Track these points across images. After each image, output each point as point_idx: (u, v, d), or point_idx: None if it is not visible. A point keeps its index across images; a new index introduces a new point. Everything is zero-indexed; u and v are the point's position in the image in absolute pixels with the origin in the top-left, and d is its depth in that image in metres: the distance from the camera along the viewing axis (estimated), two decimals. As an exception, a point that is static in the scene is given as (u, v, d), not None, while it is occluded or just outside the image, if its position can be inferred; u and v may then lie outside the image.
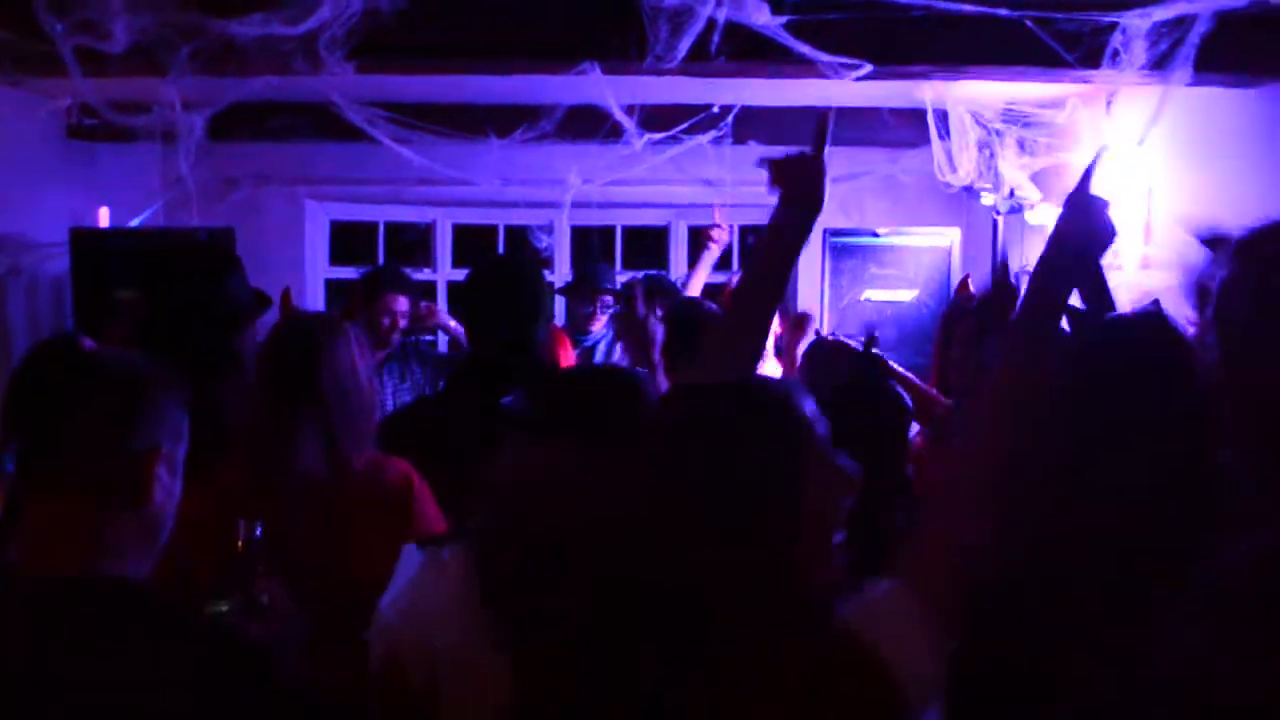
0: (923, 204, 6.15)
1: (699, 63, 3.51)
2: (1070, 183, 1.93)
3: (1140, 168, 4.74)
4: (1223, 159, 4.38)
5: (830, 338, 4.65)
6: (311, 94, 4.76)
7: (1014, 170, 4.91)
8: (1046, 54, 3.72)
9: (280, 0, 3.29)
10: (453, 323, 5.53)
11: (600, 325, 5.32)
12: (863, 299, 5.66)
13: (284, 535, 2.42)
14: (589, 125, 5.20)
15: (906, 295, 5.55)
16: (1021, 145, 4.91)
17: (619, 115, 4.62)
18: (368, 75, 3.74)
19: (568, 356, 4.72)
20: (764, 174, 2.38)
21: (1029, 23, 3.47)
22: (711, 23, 3.45)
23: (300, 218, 6.75)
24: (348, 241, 7.00)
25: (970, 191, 5.51)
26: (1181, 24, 3.24)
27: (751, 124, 5.65)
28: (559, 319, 6.12)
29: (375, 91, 5.09)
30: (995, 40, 3.79)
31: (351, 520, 2.65)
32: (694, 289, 5.10)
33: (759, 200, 6.38)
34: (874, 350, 3.38)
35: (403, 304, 5.29)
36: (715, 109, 5.31)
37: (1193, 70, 3.33)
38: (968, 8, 3.40)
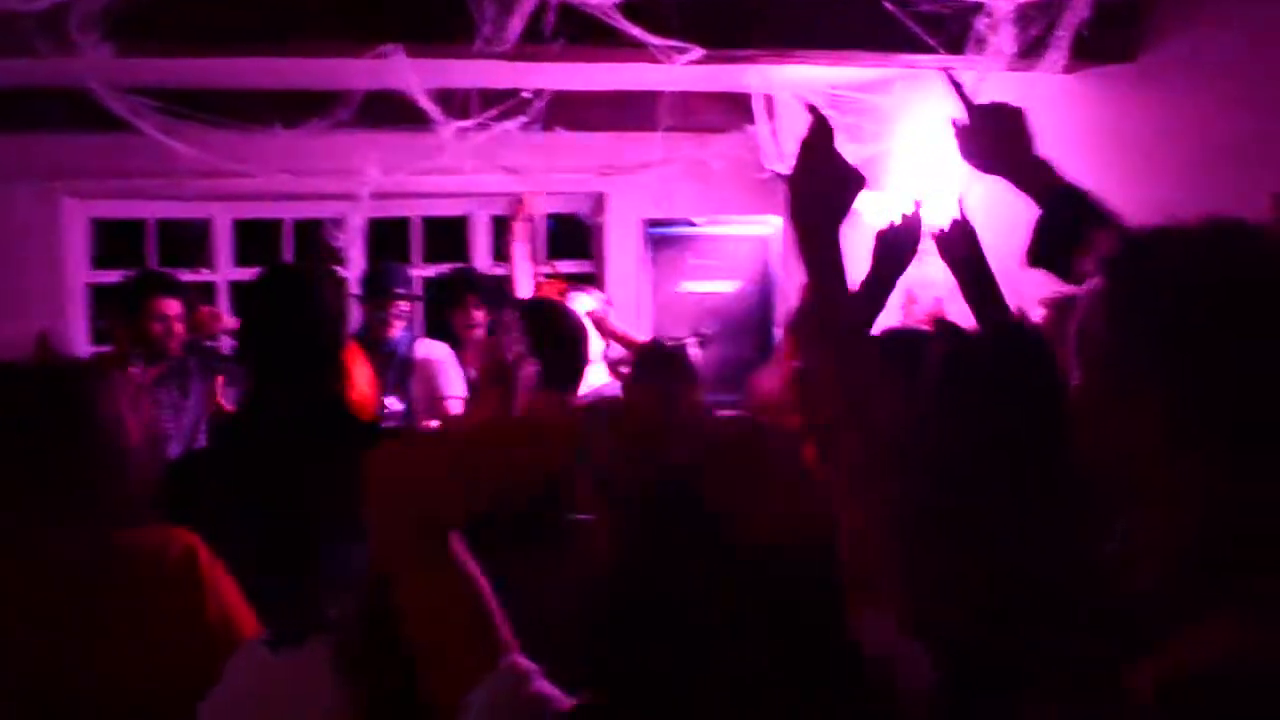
0: (735, 191, 5.79)
1: (532, 45, 2.99)
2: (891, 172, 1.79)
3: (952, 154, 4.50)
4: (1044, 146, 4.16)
5: (661, 341, 4.25)
6: (64, 78, 3.95)
7: None
8: (905, 38, 3.40)
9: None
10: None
11: (398, 330, 4.74)
12: (682, 290, 5.25)
13: (27, 643, 1.86)
14: (387, 112, 4.59)
15: (727, 286, 5.19)
16: (847, 132, 4.59)
17: (424, 103, 4.03)
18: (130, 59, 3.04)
19: (364, 370, 4.09)
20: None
21: (887, 4, 3.09)
22: (543, 3, 2.94)
23: (56, 216, 5.84)
24: (113, 241, 6.15)
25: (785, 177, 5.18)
26: (1050, 8, 2.93)
27: (559, 109, 5.17)
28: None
29: (140, 75, 4.31)
30: (844, 22, 3.47)
31: (120, 614, 2.03)
32: (521, 286, 4.58)
33: (566, 187, 6.06)
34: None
35: (174, 307, 4.62)
36: (528, 94, 4.75)
37: (1067, 57, 3.03)
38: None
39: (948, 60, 3.30)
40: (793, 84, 4.65)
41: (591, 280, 6.32)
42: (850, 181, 1.68)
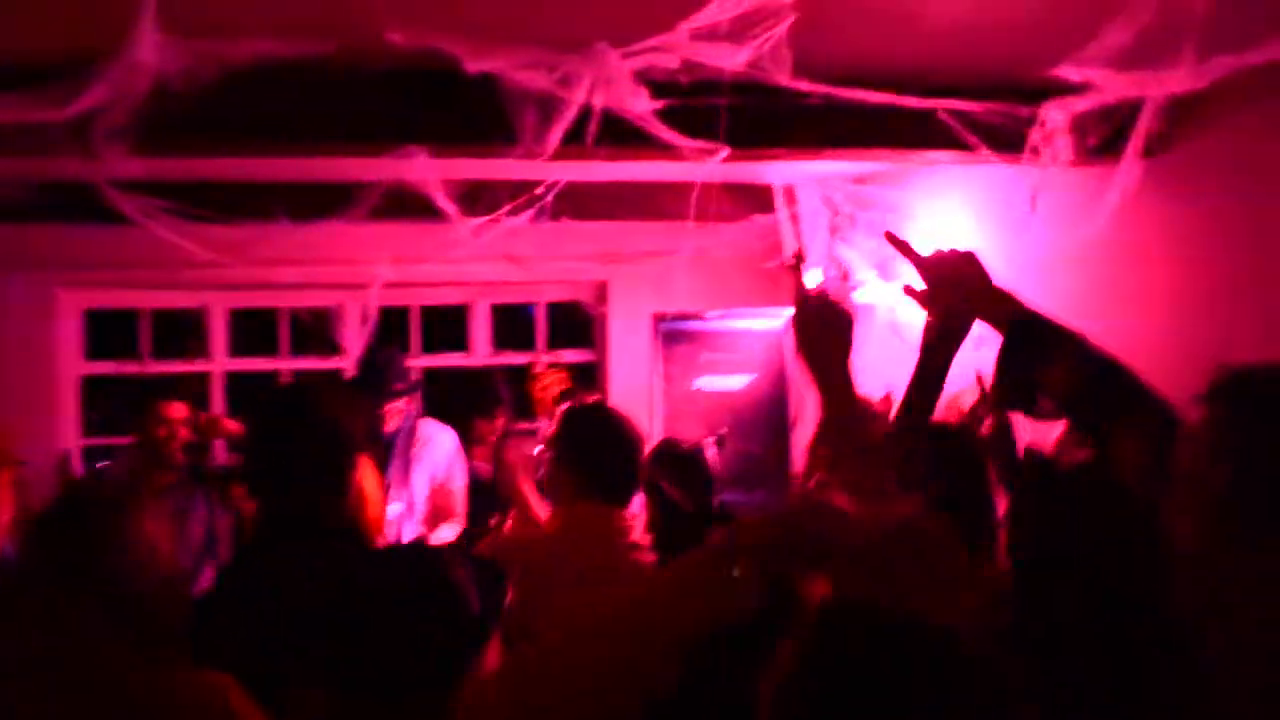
0: (742, 281, 5.67)
1: (574, 149, 2.86)
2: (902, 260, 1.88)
3: (965, 245, 4.43)
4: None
5: (675, 441, 4.07)
6: (71, 173, 3.78)
7: (854, 254, 4.51)
8: (933, 136, 3.32)
9: (41, 78, 2.42)
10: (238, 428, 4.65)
11: (394, 424, 4.48)
12: (694, 387, 5.09)
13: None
14: (397, 204, 4.43)
15: (739, 381, 5.03)
16: (865, 225, 4.51)
17: (442, 201, 3.89)
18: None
19: (373, 480, 3.83)
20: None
21: (940, 113, 3.00)
22: (585, 109, 2.81)
23: (50, 307, 5.63)
24: (106, 331, 5.92)
25: (790, 267, 5.07)
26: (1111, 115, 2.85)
27: (563, 198, 5.03)
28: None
29: (147, 170, 4.14)
30: (874, 123, 3.39)
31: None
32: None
33: (567, 275, 5.91)
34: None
35: (179, 412, 4.49)
36: (540, 189, 4.62)
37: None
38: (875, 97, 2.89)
39: (997, 159, 3.21)
40: (811, 175, 4.57)
41: (593, 371, 6.23)
42: (846, 320, 1.78)
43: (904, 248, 1.88)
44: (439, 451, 4.68)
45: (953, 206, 4.48)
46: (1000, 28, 2.85)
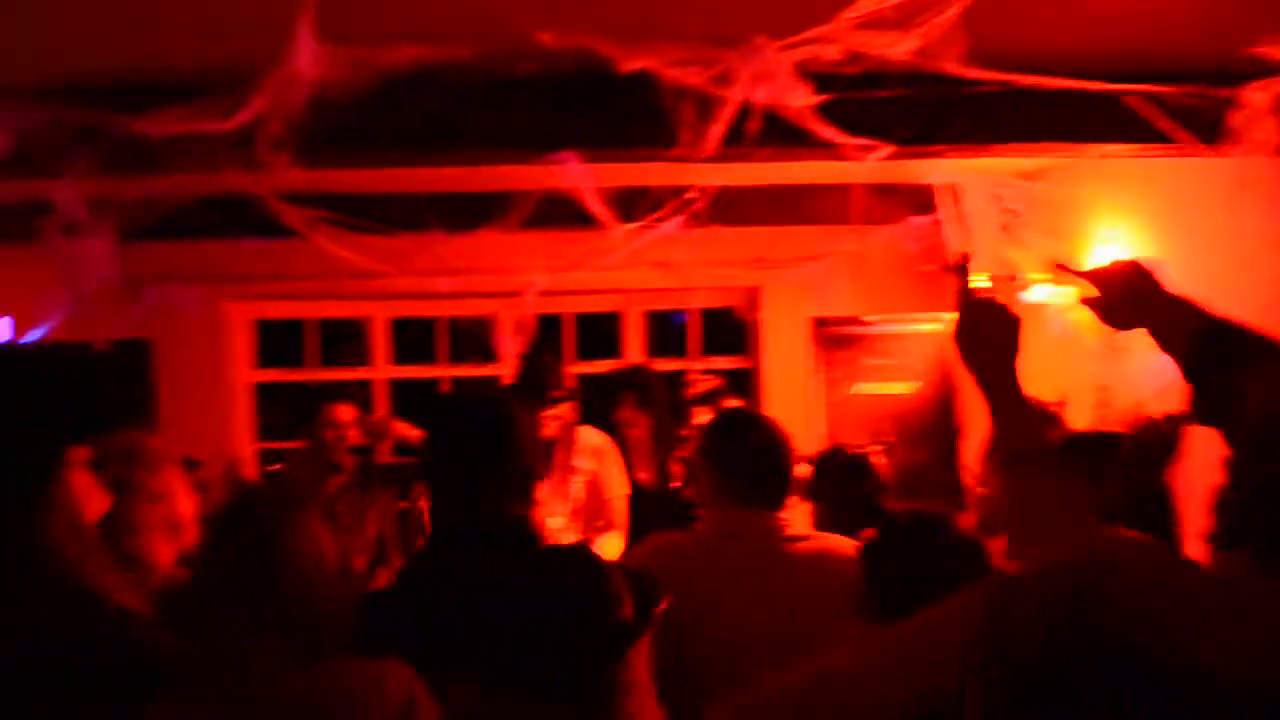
0: (898, 285, 5.45)
1: (734, 150, 2.72)
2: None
3: (1143, 244, 4.10)
4: (1215, 230, 3.75)
5: (841, 448, 3.90)
6: (238, 188, 3.84)
7: (1023, 253, 4.23)
8: (1108, 127, 3.06)
9: (203, 92, 2.42)
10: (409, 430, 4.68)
11: (553, 431, 4.40)
12: (854, 393, 4.89)
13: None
14: (550, 213, 4.39)
15: (903, 388, 4.81)
16: (1034, 224, 4.24)
17: (596, 209, 3.80)
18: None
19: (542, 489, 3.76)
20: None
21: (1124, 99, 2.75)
22: (744, 107, 2.68)
23: (220, 319, 5.80)
24: (275, 341, 6.06)
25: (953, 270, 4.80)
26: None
27: (712, 202, 4.89)
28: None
29: (311, 183, 4.19)
30: (1044, 114, 3.16)
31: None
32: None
33: (719, 281, 5.78)
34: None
35: (347, 414, 4.56)
36: (692, 193, 4.51)
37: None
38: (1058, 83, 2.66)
39: (1191, 149, 2.94)
40: (975, 174, 4.32)
41: (747, 379, 6.08)
42: (1012, 323, 1.69)
43: (1074, 274, 1.84)
44: (597, 459, 4.59)
45: (1132, 203, 4.16)
46: (1193, 3, 2.60)
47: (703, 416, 4.16)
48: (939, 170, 3.94)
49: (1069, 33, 2.74)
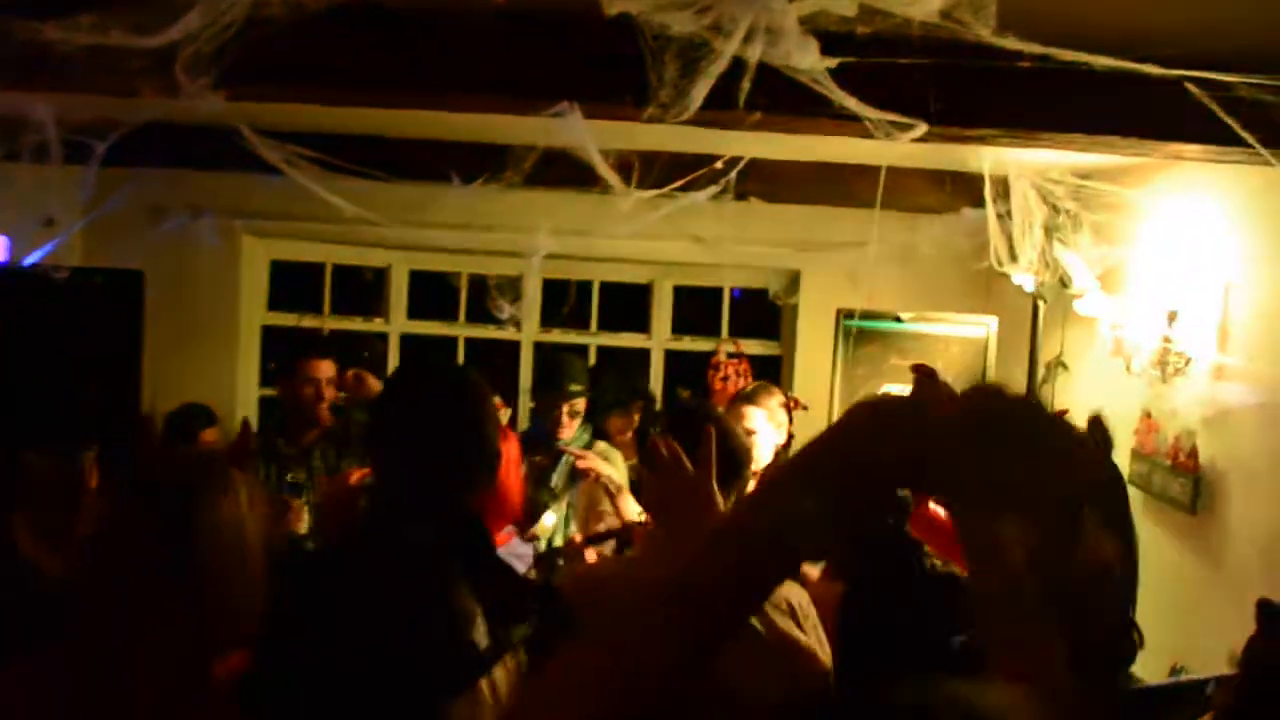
0: (947, 281, 5.07)
1: (721, 113, 2.37)
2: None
3: (1215, 260, 3.64)
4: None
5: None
6: (212, 117, 3.56)
7: (1077, 260, 3.82)
8: (1182, 124, 2.64)
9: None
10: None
11: (569, 431, 4.05)
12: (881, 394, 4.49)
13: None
14: (567, 171, 4.05)
15: None
16: (1092, 229, 3.81)
17: (603, 170, 3.47)
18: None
19: (514, 475, 3.43)
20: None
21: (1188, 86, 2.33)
22: (740, 64, 2.31)
23: (236, 253, 5.58)
24: (290, 284, 5.85)
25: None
26: None
27: (752, 176, 4.57)
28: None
29: (306, 120, 3.92)
30: (1107, 102, 2.73)
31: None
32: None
33: (756, 261, 5.43)
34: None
35: (326, 370, 4.31)
36: (719, 164, 4.15)
37: None
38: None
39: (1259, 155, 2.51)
40: (1027, 168, 3.90)
41: (778, 365, 5.75)
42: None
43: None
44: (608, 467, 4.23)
45: (1204, 208, 3.71)
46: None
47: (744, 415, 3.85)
48: (983, 158, 3.54)
49: (1124, 4, 2.33)
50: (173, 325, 5.35)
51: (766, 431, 3.88)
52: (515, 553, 3.56)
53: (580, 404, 4.07)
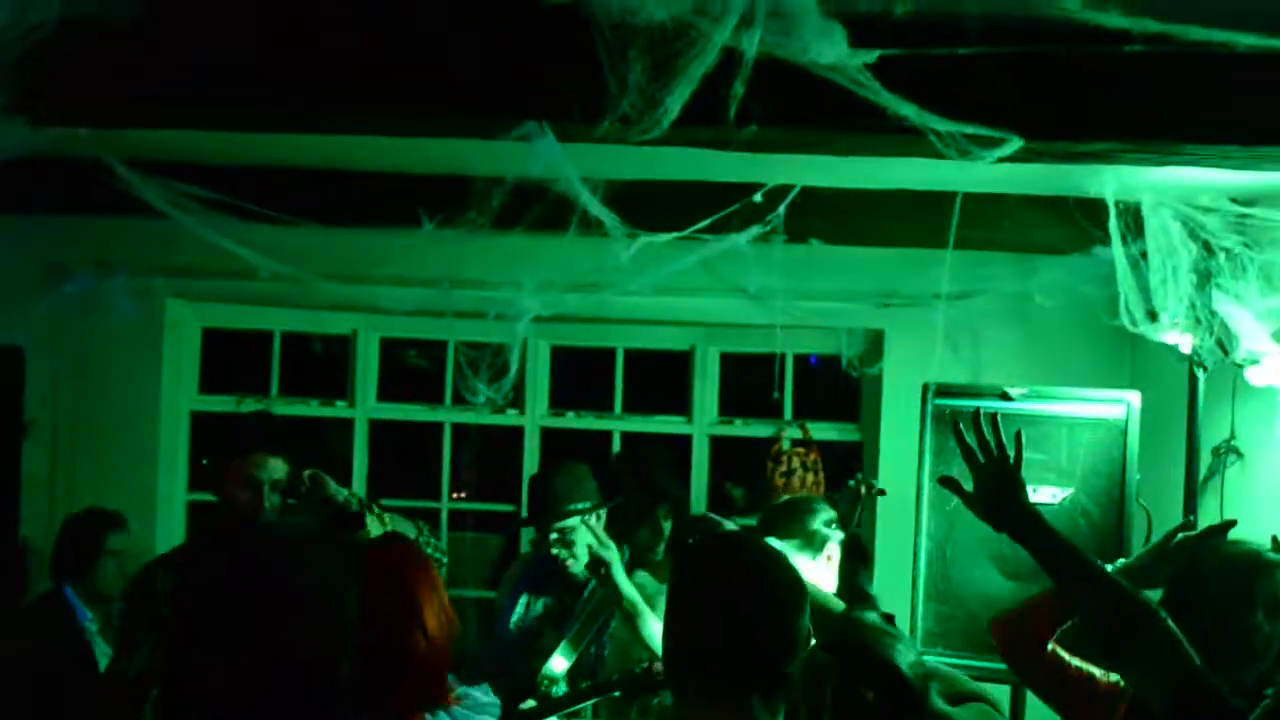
0: (1073, 344, 4.91)
1: (707, 128, 2.18)
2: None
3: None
4: None
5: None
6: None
7: (1244, 313, 3.61)
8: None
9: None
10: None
11: (570, 561, 3.95)
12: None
13: None
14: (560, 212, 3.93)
15: (1054, 492, 4.19)
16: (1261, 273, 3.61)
17: (587, 200, 3.34)
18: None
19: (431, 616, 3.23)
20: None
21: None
22: (733, 57, 2.12)
23: (159, 323, 5.57)
24: (228, 358, 5.88)
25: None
26: None
27: (811, 211, 4.44)
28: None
29: (215, 150, 3.83)
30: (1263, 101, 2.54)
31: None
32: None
33: (824, 319, 5.26)
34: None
35: (274, 469, 4.17)
36: (758, 195, 4.00)
37: None
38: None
39: None
40: (1167, 192, 3.70)
41: (857, 453, 5.54)
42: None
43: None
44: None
45: None
46: None
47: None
48: (1102, 182, 3.33)
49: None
50: (74, 412, 5.32)
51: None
52: (478, 706, 3.44)
53: (581, 529, 3.91)
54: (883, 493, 4.28)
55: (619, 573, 3.76)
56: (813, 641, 2.31)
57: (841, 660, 2.52)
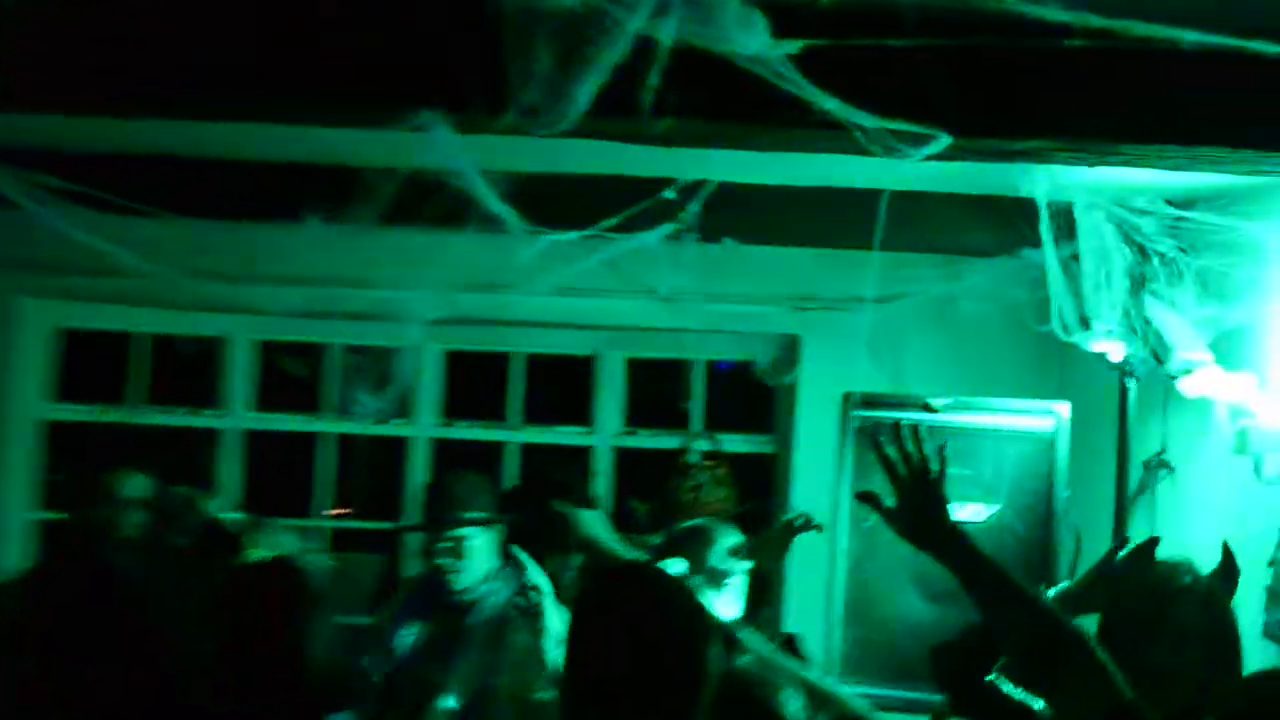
0: (1000, 351, 4.95)
1: (620, 120, 2.16)
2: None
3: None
4: None
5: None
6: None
7: (1179, 321, 3.69)
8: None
9: None
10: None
11: (458, 571, 3.84)
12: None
13: None
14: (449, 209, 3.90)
15: (978, 510, 4.26)
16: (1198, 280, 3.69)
17: (486, 195, 3.35)
18: None
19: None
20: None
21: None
22: (648, 46, 2.10)
23: (5, 323, 5.48)
24: (85, 363, 5.78)
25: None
26: None
27: (726, 208, 4.46)
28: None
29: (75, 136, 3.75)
30: (1203, 97, 2.71)
31: None
32: None
33: (737, 323, 5.30)
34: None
35: (136, 486, 4.30)
36: (670, 191, 4.00)
37: None
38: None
39: None
40: (1100, 193, 3.77)
41: (772, 466, 5.56)
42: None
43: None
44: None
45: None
46: None
47: None
48: (1033, 181, 3.38)
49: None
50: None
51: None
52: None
53: (481, 538, 3.83)
54: (819, 528, 4.28)
55: (550, 605, 3.75)
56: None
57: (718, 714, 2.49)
